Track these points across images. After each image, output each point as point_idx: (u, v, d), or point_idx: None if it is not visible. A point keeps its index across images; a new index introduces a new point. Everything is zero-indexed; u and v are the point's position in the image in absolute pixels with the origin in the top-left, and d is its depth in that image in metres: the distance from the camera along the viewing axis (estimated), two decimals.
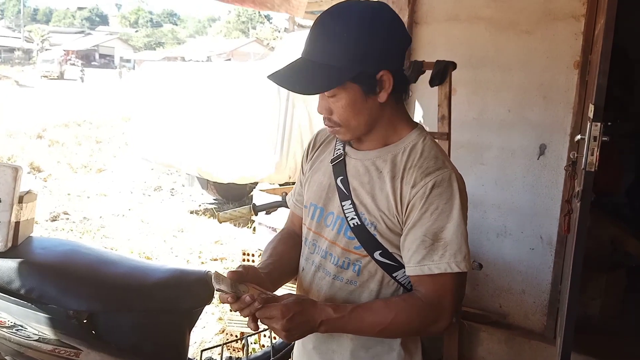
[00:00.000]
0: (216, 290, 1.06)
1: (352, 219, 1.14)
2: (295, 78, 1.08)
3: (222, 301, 1.06)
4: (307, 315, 1.05)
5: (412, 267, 1.09)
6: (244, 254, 3.28)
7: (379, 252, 1.13)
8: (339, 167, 1.21)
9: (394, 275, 1.14)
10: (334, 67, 1.05)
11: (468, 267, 1.07)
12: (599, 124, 1.66)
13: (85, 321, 1.69)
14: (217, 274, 1.06)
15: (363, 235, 1.13)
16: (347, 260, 1.16)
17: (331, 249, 1.19)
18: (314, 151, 1.34)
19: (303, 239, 1.30)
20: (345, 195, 1.17)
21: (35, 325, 1.66)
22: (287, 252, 1.32)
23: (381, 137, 1.17)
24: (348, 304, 1.11)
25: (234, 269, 1.10)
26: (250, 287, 1.07)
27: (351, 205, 1.15)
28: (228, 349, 2.96)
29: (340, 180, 1.19)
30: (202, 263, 4.82)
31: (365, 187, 1.15)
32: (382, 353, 1.17)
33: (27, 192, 1.82)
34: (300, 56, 1.10)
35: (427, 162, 1.10)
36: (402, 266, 1.13)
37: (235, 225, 5.93)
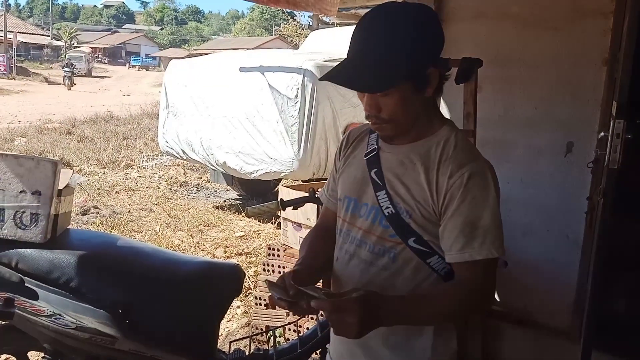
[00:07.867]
0: (276, 300, 1.12)
1: (387, 208, 1.21)
2: (353, 77, 1.13)
3: (279, 306, 1.15)
4: (381, 308, 1.07)
5: (454, 254, 1.15)
6: (269, 248, 3.33)
7: (413, 239, 1.19)
8: (373, 160, 1.27)
9: (427, 261, 1.20)
10: (390, 65, 1.10)
11: (503, 252, 1.15)
12: (622, 121, 1.66)
13: (120, 311, 1.75)
14: (270, 282, 1.14)
15: (398, 223, 1.20)
16: (383, 247, 1.23)
17: (366, 238, 1.26)
18: (347, 148, 1.40)
19: (337, 230, 1.36)
20: (379, 186, 1.23)
21: (73, 314, 1.72)
22: (322, 247, 1.39)
23: (415, 133, 1.23)
24: (400, 295, 1.18)
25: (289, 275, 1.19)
26: (311, 290, 1.10)
27: (386, 195, 1.21)
28: (254, 342, 3.01)
29: (375, 172, 1.26)
30: (228, 257, 4.89)
31: (400, 178, 1.21)
32: (412, 337, 1.23)
33: (66, 186, 1.89)
34: (347, 57, 1.15)
35: (462, 154, 1.17)
36: (435, 253, 1.19)
37: (259, 221, 6.00)
